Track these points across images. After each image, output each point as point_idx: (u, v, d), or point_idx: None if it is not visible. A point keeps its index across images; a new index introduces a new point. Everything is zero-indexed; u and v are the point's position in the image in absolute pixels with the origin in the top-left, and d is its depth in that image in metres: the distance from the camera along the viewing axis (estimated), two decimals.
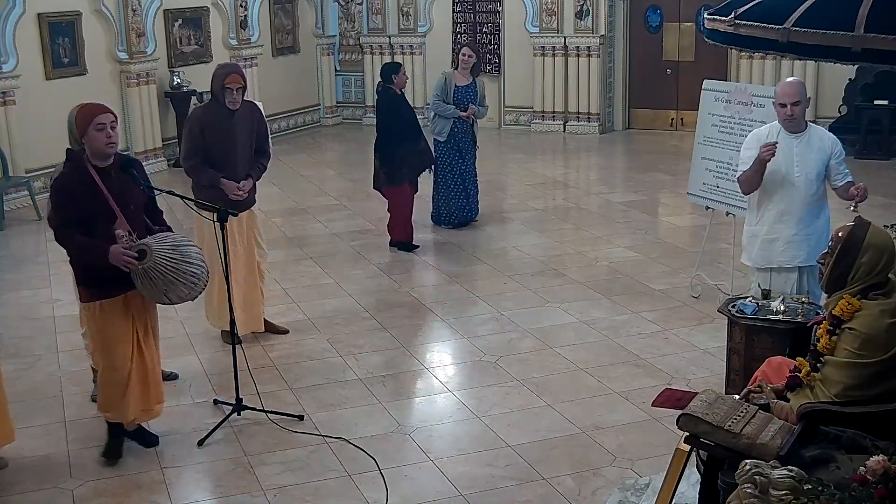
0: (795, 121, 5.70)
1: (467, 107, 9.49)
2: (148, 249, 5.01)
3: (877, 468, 3.27)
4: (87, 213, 5.04)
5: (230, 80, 6.35)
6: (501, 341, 6.90)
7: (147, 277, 5.01)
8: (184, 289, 5.12)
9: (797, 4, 3.67)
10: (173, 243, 5.13)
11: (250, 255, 6.83)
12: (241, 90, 6.40)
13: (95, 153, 5.08)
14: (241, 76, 6.46)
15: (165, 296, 5.12)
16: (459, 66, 9.66)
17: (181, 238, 5.29)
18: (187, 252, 5.14)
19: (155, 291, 5.09)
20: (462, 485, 5.00)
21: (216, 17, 14.11)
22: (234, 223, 6.55)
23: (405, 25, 15.78)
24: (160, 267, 5.00)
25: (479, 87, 9.68)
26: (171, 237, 5.22)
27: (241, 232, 6.72)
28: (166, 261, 5.02)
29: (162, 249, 5.05)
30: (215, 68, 6.65)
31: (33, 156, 10.96)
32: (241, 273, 6.72)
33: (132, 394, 5.30)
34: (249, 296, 6.85)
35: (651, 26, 14.77)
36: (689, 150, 8.45)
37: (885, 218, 6.62)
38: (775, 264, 5.85)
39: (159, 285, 5.04)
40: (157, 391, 5.46)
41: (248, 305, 6.86)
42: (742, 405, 4.02)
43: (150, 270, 5.00)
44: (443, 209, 9.75)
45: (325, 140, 15.40)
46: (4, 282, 8.56)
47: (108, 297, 5.17)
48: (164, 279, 5.03)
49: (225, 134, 6.46)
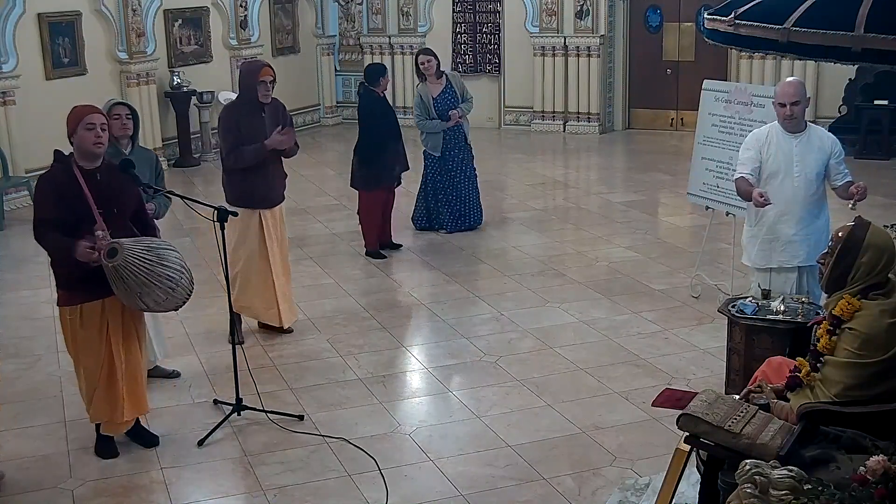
0: (795, 121, 5.71)
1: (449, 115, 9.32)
2: (119, 247, 4.91)
3: (877, 468, 3.27)
4: (69, 213, 5.00)
5: (264, 74, 6.58)
6: (501, 341, 6.90)
7: (119, 277, 4.92)
8: (160, 293, 5.01)
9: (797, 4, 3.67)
10: (149, 245, 5.06)
11: (284, 249, 7.00)
12: (273, 83, 6.63)
13: (83, 153, 5.07)
14: (272, 69, 6.71)
15: (140, 299, 5.01)
16: (427, 78, 9.39)
17: (162, 242, 5.22)
18: (164, 255, 5.05)
19: (129, 294, 4.98)
20: (462, 485, 5.00)
21: (216, 17, 14.10)
22: (268, 218, 6.78)
23: (405, 25, 15.78)
24: (132, 266, 4.91)
25: (456, 85, 9.45)
26: (148, 239, 5.15)
27: (274, 226, 6.87)
28: (138, 261, 4.93)
29: (135, 249, 4.96)
30: (242, 65, 6.97)
31: (33, 156, 10.94)
32: (278, 266, 6.90)
33: (98, 400, 5.26)
34: (287, 288, 7.06)
35: (651, 26, 14.77)
36: (689, 150, 8.45)
37: (885, 218, 6.62)
38: (775, 264, 5.85)
39: (132, 287, 4.94)
40: (135, 400, 5.34)
41: (288, 297, 7.05)
42: (742, 405, 4.02)
43: (121, 269, 4.90)
44: (445, 217, 9.63)
45: (325, 140, 15.40)
46: (4, 282, 8.56)
47: (87, 301, 5.11)
48: (137, 280, 4.93)
49: (256, 128, 6.62)
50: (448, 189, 9.59)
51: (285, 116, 6.85)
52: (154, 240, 5.21)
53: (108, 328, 5.19)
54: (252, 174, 6.64)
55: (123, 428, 5.42)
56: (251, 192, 6.65)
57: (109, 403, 5.28)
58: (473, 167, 9.69)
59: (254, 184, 6.65)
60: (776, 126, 5.81)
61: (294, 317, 7.17)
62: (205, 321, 7.24)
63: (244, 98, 6.72)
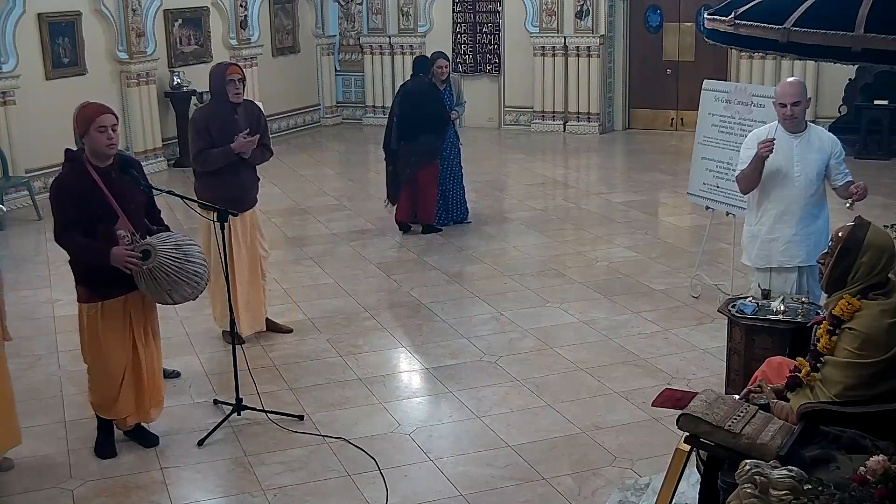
0: (796, 121, 5.70)
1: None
2: (152, 249, 5.01)
3: (877, 468, 3.27)
4: (89, 214, 5.03)
5: (231, 72, 6.54)
6: (501, 341, 6.90)
7: (151, 278, 5.02)
8: (187, 288, 5.13)
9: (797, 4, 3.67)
10: (176, 243, 5.14)
11: (253, 255, 6.86)
12: (242, 81, 6.58)
13: (96, 154, 5.08)
14: (239, 68, 6.68)
15: (169, 296, 5.12)
16: (437, 79, 9.56)
17: (183, 237, 5.30)
18: (190, 251, 5.15)
19: (158, 292, 5.09)
20: (462, 485, 5.00)
21: (216, 17, 14.11)
22: (237, 223, 6.62)
23: (405, 25, 15.78)
24: (164, 267, 5.01)
25: (455, 87, 9.72)
26: (173, 237, 5.22)
27: (244, 232, 6.75)
28: (170, 261, 5.03)
29: (166, 249, 5.05)
30: (211, 68, 6.83)
31: (33, 156, 10.96)
32: (244, 273, 6.77)
33: (124, 395, 5.31)
34: (253, 296, 6.89)
35: (651, 26, 14.77)
36: (689, 150, 8.45)
37: (885, 218, 6.61)
38: (775, 264, 5.85)
39: (163, 285, 5.05)
40: (155, 394, 5.44)
41: (252, 305, 6.89)
42: (742, 405, 4.02)
43: (155, 270, 5.00)
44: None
45: (325, 140, 15.40)
46: (4, 282, 8.48)
47: (109, 297, 5.16)
48: (169, 279, 5.04)
49: (228, 129, 6.55)
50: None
51: (259, 119, 6.77)
52: (177, 235, 5.29)
53: (131, 323, 5.24)
54: (221, 177, 6.55)
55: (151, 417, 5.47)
56: (220, 196, 6.35)
57: (137, 397, 5.34)
58: (460, 165, 9.84)
59: (223, 187, 6.52)
60: (777, 126, 5.80)
61: (259, 326, 6.95)
62: (205, 321, 7.24)
63: (216, 100, 6.65)
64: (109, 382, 5.28)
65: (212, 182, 6.58)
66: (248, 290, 6.82)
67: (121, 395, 5.31)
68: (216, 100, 6.64)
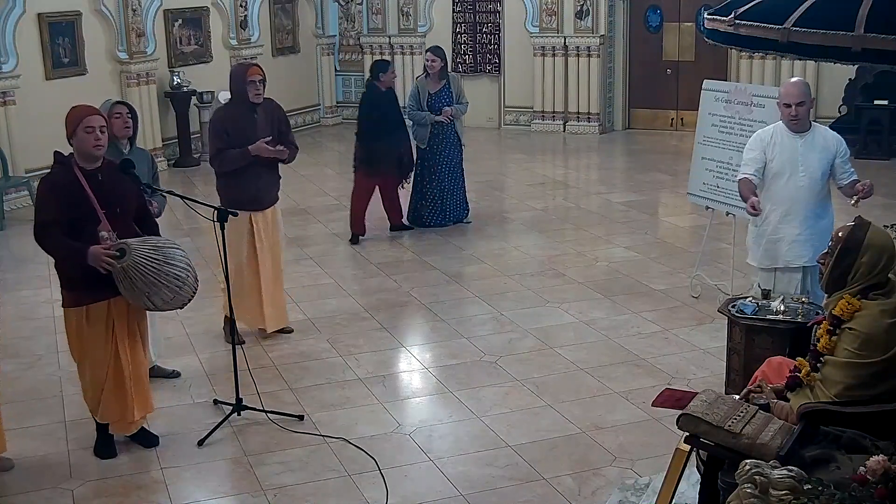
0: (800, 121, 5.71)
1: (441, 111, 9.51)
2: (127, 248, 4.93)
3: (877, 468, 3.27)
4: (72, 215, 4.99)
5: (252, 73, 6.56)
6: (501, 341, 6.90)
7: (127, 277, 4.93)
8: (167, 292, 5.03)
9: (797, 4, 3.67)
10: (155, 244, 5.07)
11: (276, 253, 6.93)
12: (262, 82, 6.59)
13: (83, 155, 5.07)
14: (260, 68, 6.69)
15: (148, 298, 5.02)
16: (429, 73, 9.62)
17: (166, 241, 5.23)
18: (170, 254, 5.07)
19: (136, 293, 5.00)
20: (462, 485, 5.00)
21: (216, 17, 14.10)
22: (259, 220, 6.73)
23: (405, 25, 15.78)
24: (140, 267, 4.92)
25: (455, 87, 9.67)
26: (154, 238, 5.17)
27: (266, 229, 6.81)
28: (146, 261, 4.94)
29: (142, 248, 4.98)
30: (232, 69, 6.89)
31: (33, 156, 10.94)
32: (268, 270, 6.83)
33: (106, 401, 5.27)
34: (276, 293, 6.97)
35: (651, 26, 14.76)
36: (689, 150, 8.45)
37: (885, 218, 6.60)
38: (780, 264, 5.85)
39: (139, 286, 4.96)
40: (141, 401, 5.35)
41: (275, 301, 6.96)
42: (742, 405, 4.02)
43: (129, 269, 4.91)
44: (424, 212, 9.78)
45: (325, 140, 15.39)
46: (4, 282, 8.56)
47: (93, 301, 5.11)
48: (145, 280, 4.95)
49: (248, 129, 6.58)
50: (433, 184, 9.71)
51: (281, 115, 6.82)
52: (160, 239, 5.22)
53: (114, 328, 5.20)
54: (241, 176, 6.59)
55: (134, 427, 5.41)
56: (240, 195, 6.54)
57: (119, 403, 5.29)
58: (462, 165, 9.81)
59: (243, 186, 6.58)
60: (780, 126, 5.80)
61: (283, 322, 7.04)
62: (205, 321, 7.24)
63: (236, 100, 6.68)
64: (94, 386, 5.27)
65: (233, 181, 6.63)
66: (272, 288, 6.89)
67: (102, 401, 5.27)
68: (235, 100, 6.67)
